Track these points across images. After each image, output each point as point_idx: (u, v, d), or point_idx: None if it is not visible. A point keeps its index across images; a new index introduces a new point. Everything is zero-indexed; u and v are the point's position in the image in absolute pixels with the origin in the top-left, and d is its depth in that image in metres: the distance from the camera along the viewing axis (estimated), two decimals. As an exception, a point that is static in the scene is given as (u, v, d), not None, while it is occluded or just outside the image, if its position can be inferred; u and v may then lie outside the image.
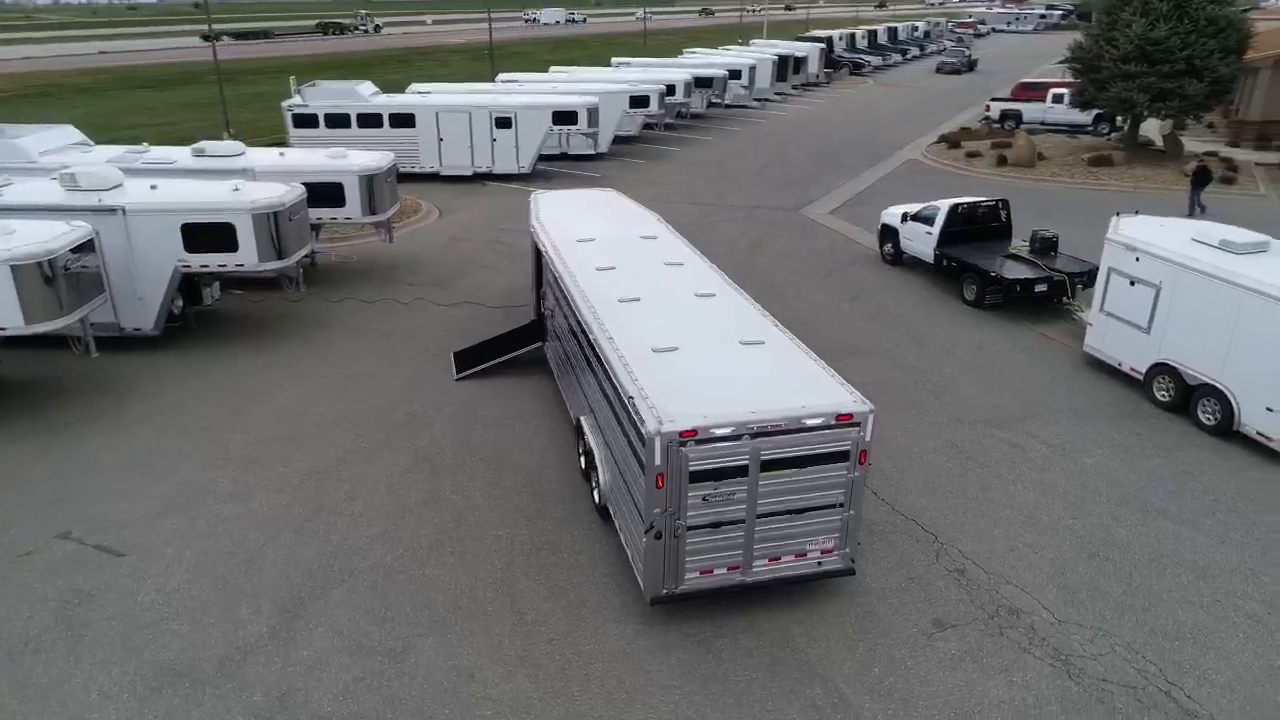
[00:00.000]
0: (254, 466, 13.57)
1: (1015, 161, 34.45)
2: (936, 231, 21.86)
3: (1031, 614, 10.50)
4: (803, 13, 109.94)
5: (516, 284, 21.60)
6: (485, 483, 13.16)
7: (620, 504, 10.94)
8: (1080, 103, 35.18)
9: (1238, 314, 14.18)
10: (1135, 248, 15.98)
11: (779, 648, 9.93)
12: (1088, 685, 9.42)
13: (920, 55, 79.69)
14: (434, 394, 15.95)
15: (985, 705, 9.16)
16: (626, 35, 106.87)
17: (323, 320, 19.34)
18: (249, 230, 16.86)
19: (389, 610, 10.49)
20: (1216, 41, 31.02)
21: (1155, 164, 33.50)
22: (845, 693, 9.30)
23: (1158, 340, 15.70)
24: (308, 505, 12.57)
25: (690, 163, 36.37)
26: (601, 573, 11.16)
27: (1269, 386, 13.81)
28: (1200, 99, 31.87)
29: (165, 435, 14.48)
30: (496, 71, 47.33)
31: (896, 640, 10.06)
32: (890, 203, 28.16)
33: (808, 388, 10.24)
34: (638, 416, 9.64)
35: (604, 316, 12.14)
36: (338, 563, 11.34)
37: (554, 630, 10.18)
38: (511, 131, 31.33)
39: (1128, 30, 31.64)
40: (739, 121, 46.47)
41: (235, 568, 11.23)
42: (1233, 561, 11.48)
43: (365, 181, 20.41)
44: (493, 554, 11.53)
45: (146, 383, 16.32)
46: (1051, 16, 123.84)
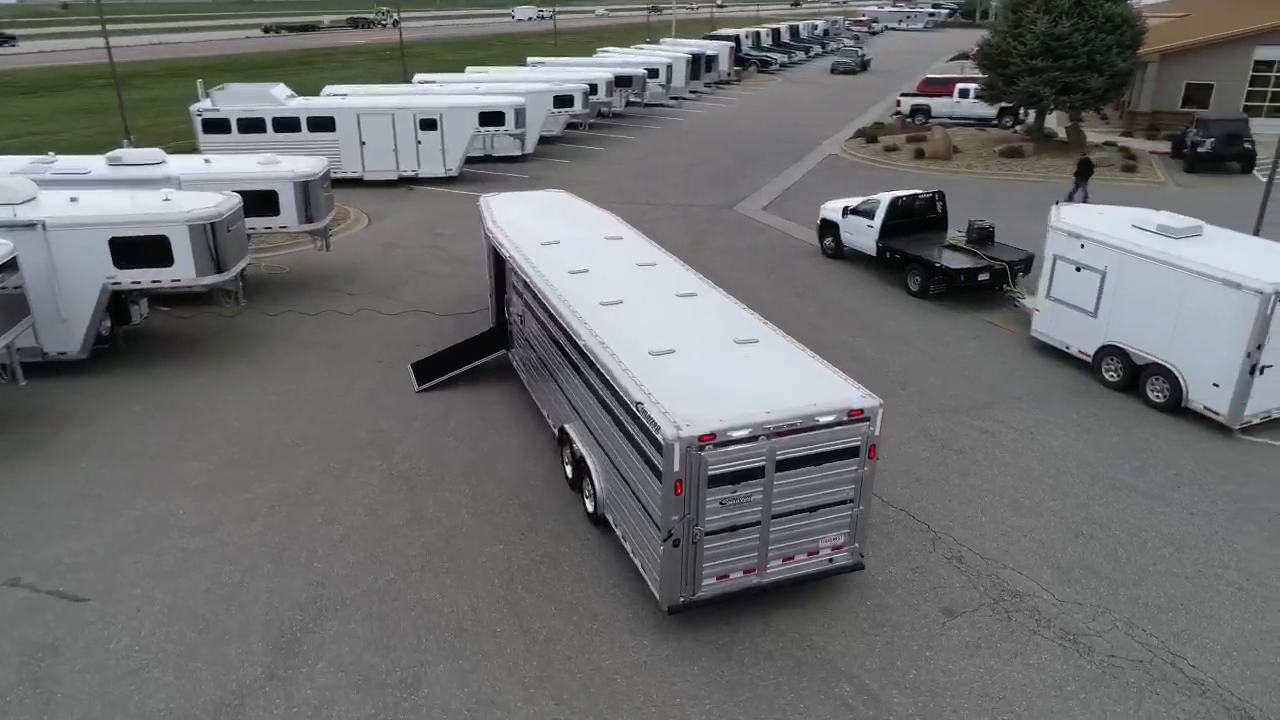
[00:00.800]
0: (215, 494, 12.72)
1: (932, 155, 35.54)
2: (877, 224, 22.30)
3: (1033, 596, 10.73)
4: (706, 12, 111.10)
5: (462, 290, 21.01)
6: (468, 498, 12.68)
7: (625, 512, 10.67)
8: (990, 97, 36.56)
9: (1183, 296, 14.87)
10: (1080, 235, 16.60)
11: (799, 648, 9.86)
12: (1099, 662, 9.68)
13: (822, 53, 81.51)
14: (397, 408, 15.31)
15: (1008, 690, 9.29)
16: (532, 35, 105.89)
17: (262, 335, 18.34)
18: (185, 242, 15.84)
19: (391, 639, 9.96)
20: (1114, 37, 32.70)
21: (1062, 154, 35.06)
22: (873, 689, 9.30)
23: (1105, 323, 16.35)
24: (282, 533, 11.85)
25: (616, 162, 36.17)
26: (606, 584, 10.88)
27: (1215, 364, 14.53)
28: (1101, 92, 33.55)
29: (108, 465, 13.43)
30: (408, 71, 46.20)
31: (912, 632, 10.12)
32: (818, 198, 28.60)
33: (814, 385, 10.19)
34: (651, 423, 9.40)
35: (590, 321, 11.84)
36: (326, 592, 10.71)
37: (569, 647, 9.85)
38: (437, 133, 30.49)
39: (1033, 27, 33.03)
40: (658, 120, 46.51)
41: (215, 605, 10.47)
42: (1204, 532, 12.01)
43: (301, 188, 19.48)
44: (490, 572, 11.10)
45: (80, 409, 15.13)
46: (940, 15, 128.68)
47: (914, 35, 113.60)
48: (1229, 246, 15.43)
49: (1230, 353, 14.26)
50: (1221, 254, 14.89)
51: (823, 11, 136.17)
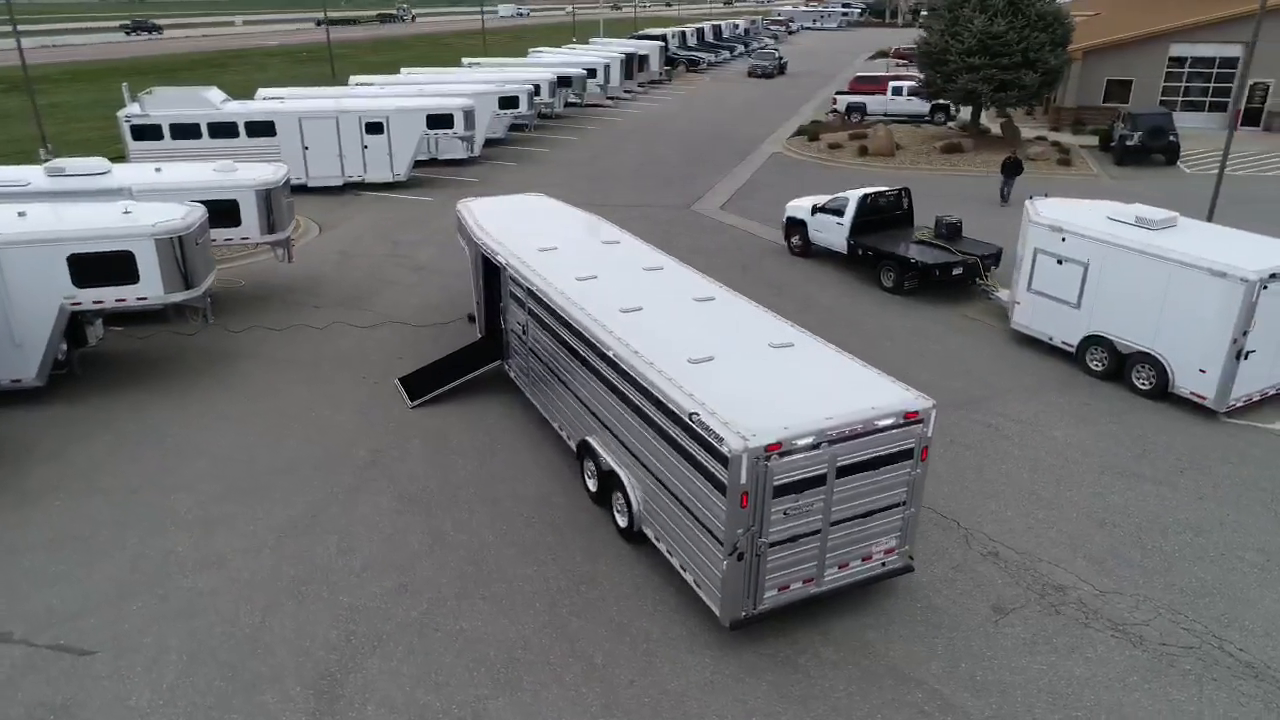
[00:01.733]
0: (214, 528, 11.86)
1: (876, 151, 36.11)
2: (848, 222, 22.45)
3: (1074, 588, 10.83)
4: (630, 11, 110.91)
5: (431, 299, 20.29)
6: (488, 518, 12.14)
7: (672, 527, 10.33)
8: (929, 94, 37.37)
9: (1168, 286, 15.31)
10: (1061, 229, 16.97)
11: (861, 655, 9.71)
12: (1153, 651, 9.81)
13: (745, 52, 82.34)
14: (392, 426, 14.61)
15: (1075, 685, 9.32)
16: (452, 35, 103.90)
17: (230, 354, 17.30)
18: (152, 258, 14.79)
19: (440, 674, 9.40)
20: (1046, 35, 33.79)
21: (999, 149, 36.02)
22: (943, 693, 9.21)
23: (1088, 314, 16.75)
24: (298, 566, 11.11)
25: (565, 164, 35.64)
26: (652, 601, 10.53)
27: (1200, 350, 15.01)
28: (1035, 88, 34.64)
29: (88, 501, 12.40)
30: (335, 73, 44.73)
31: (969, 632, 10.08)
32: (773, 197, 28.71)
33: (865, 388, 10.06)
34: (711, 435, 9.10)
35: (615, 329, 11.47)
36: (359, 628, 10.07)
37: (629, 670, 9.47)
38: (384, 137, 29.48)
39: (970, 26, 33.87)
40: (597, 120, 46.09)
41: (239, 649, 9.72)
42: (1217, 516, 12.35)
43: (263, 197, 18.49)
44: (529, 595, 10.62)
45: (44, 442, 13.96)
46: (852, 14, 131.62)
47: (829, 35, 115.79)
48: (1205, 237, 15.98)
49: (1216, 339, 14.74)
50: (1202, 244, 15.39)
51: (742, 11, 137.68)
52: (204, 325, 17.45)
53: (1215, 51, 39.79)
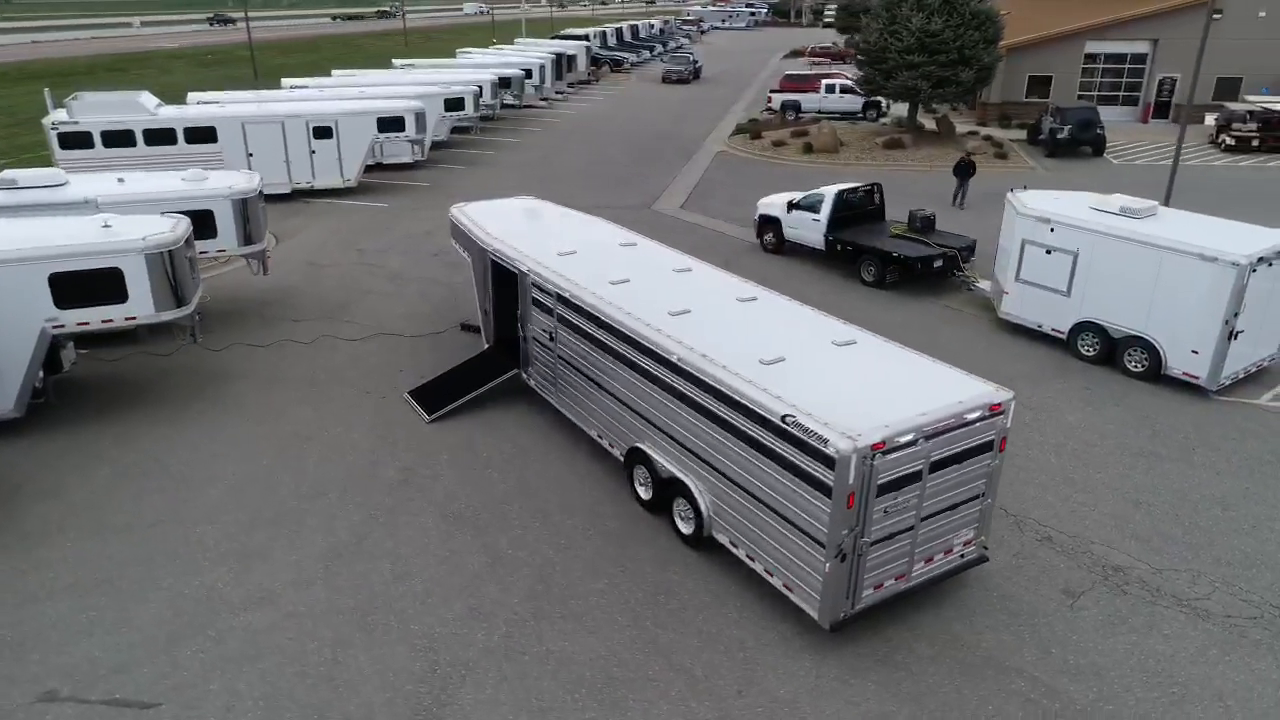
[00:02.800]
0: (252, 561, 11.12)
1: (820, 148, 36.72)
2: (825, 218, 22.70)
3: (1132, 568, 11.17)
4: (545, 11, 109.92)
5: (415, 309, 19.61)
6: (543, 533, 11.75)
7: (756, 532, 10.15)
8: (869, 91, 38.22)
9: (1159, 271, 15.98)
10: (1050, 219, 17.52)
11: (954, 649, 9.77)
12: (1221, 624, 10.18)
13: (664, 51, 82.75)
14: (414, 442, 14.00)
15: (1161, 662, 9.59)
16: (363, 36, 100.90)
17: (218, 374, 16.30)
18: (143, 274, 13.78)
19: (540, 699, 9.02)
20: (980, 33, 34.99)
21: (938, 144, 37.18)
22: (1043, 680, 9.34)
23: (1079, 301, 17.35)
24: (355, 595, 10.51)
25: (513, 165, 35.00)
26: (734, 607, 10.36)
27: (1193, 332, 15.71)
28: (971, 84, 35.87)
29: (103, 541, 11.45)
30: (258, 75, 42.90)
31: (1049, 617, 10.26)
32: (729, 195, 28.88)
33: (942, 383, 10.14)
34: (812, 436, 8.99)
35: (671, 333, 11.25)
36: (441, 657, 9.58)
37: (734, 680, 9.29)
38: (333, 142, 28.34)
39: (908, 24, 34.79)
40: (534, 122, 45.47)
41: (318, 690, 9.11)
42: (1238, 489, 12.95)
43: (239, 206, 17.48)
44: (609, 611, 10.30)
45: (36, 478, 12.84)
46: (760, 14, 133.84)
47: (739, 35, 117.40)
48: (1187, 224, 16.72)
49: (1208, 321, 15.45)
50: (1187, 231, 16.13)
51: (655, 11, 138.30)
52: (190, 344, 16.37)
53: (1126, 48, 41.97)
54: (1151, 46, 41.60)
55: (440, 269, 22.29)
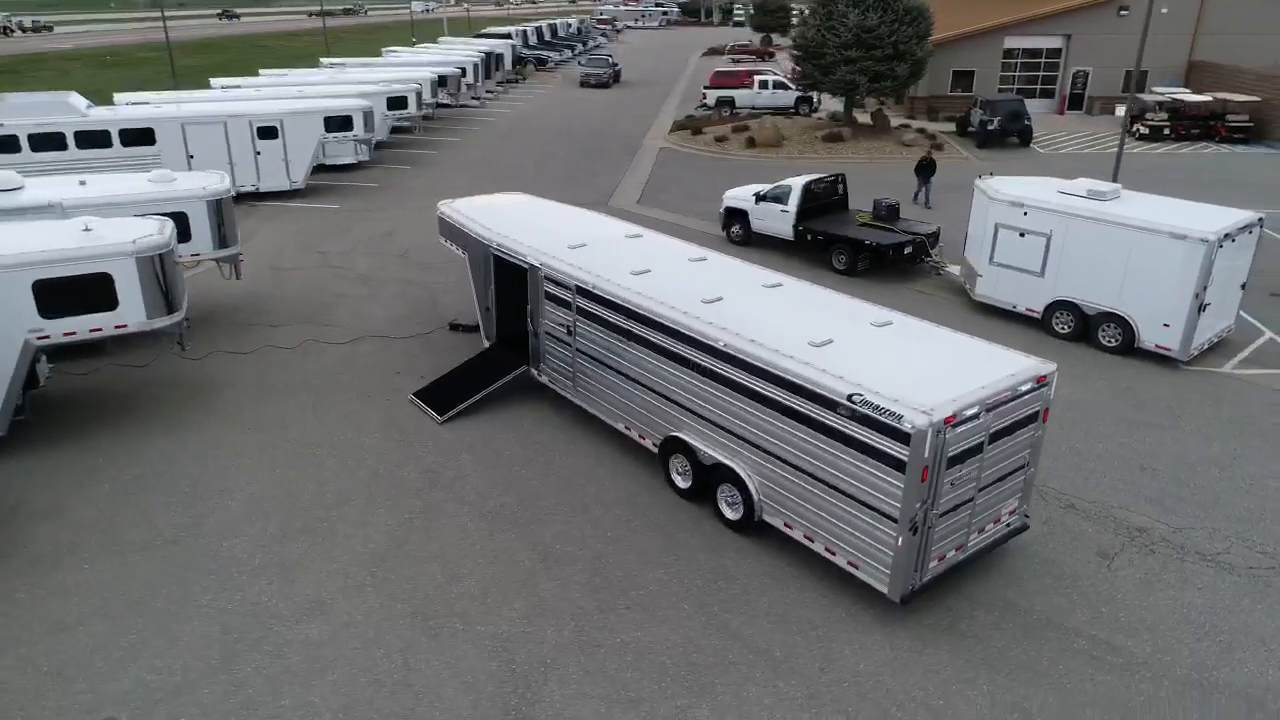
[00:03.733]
0: (293, 572, 10.67)
1: (763, 143, 37.29)
2: (793, 209, 23.09)
3: (1153, 529, 11.75)
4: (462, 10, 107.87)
5: (398, 309, 19.12)
6: (587, 527, 11.63)
7: (816, 512, 10.27)
8: (807, 86, 39.01)
9: (1131, 250, 16.82)
10: (1023, 204, 18.23)
11: (1012, 614, 10.10)
12: (1246, 575, 10.82)
13: (585, 50, 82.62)
14: (431, 444, 13.66)
15: (1203, 614, 10.13)
16: (272, 37, 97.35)
17: (202, 382, 15.55)
18: (134, 280, 13.06)
19: (627, 690, 8.94)
20: (913, 29, 36.12)
21: (876, 137, 38.24)
22: (1101, 637, 9.75)
23: (1053, 282, 18.12)
24: (410, 600, 10.20)
25: (459, 164, 34.39)
26: (796, 588, 10.48)
27: (1164, 307, 16.59)
28: (905, 79, 36.98)
29: (124, 560, 10.81)
30: (176, 74, 41.09)
31: (1092, 579, 10.71)
32: (682, 189, 29.11)
33: (987, 357, 10.48)
34: (883, 413, 9.17)
35: (713, 320, 11.29)
36: (516, 655, 9.39)
37: (814, 658, 9.39)
38: (278, 142, 27.32)
39: (845, 20, 35.65)
40: (470, 121, 44.76)
41: (397, 699, 8.82)
42: (1229, 451, 13.75)
43: (214, 208, 16.72)
44: (673, 599, 10.28)
45: (32, 499, 12.01)
46: (672, 13, 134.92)
47: (652, 33, 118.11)
48: (1150, 205, 17.65)
49: (1179, 296, 16.34)
50: (1154, 211, 17.03)
51: (569, 10, 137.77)
52: (179, 352, 15.54)
53: (1042, 44, 43.96)
54: (1065, 42, 43.69)
55: (411, 270, 21.78)
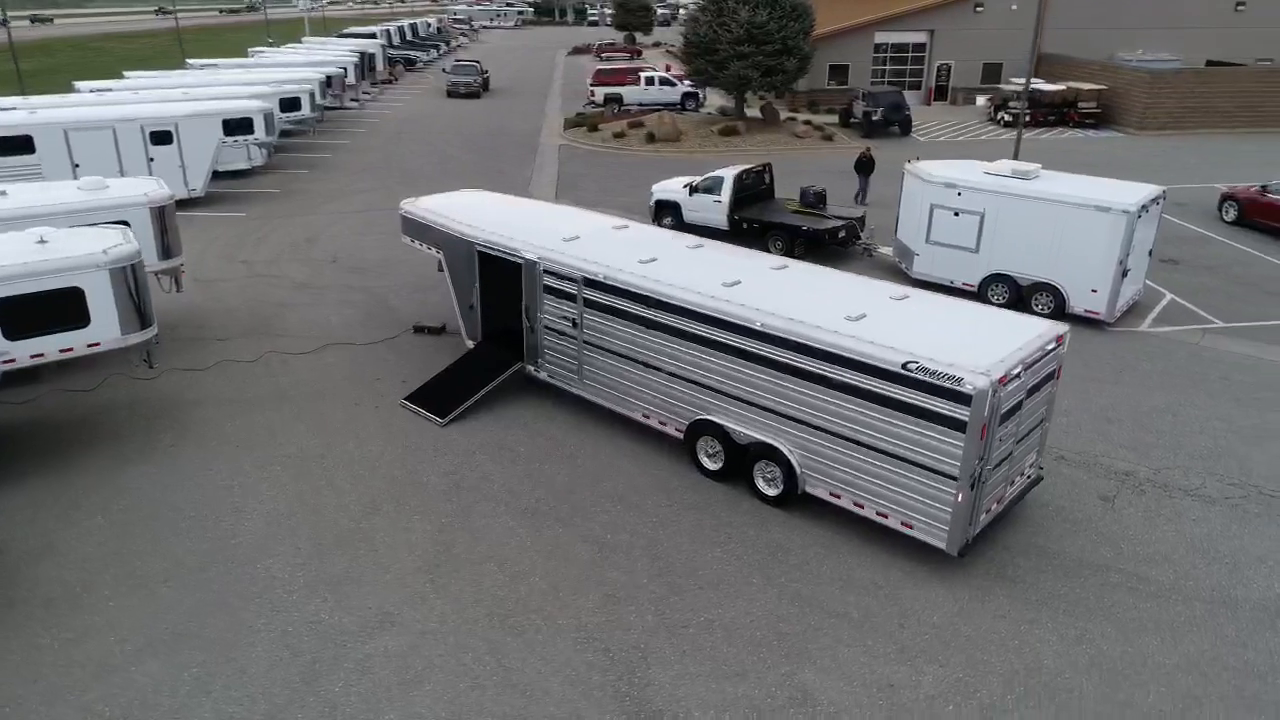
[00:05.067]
0: (347, 586, 10.19)
1: (663, 138, 37.84)
2: (727, 199, 23.67)
3: (1136, 471, 12.91)
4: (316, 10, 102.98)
5: (351, 316, 18.39)
6: (630, 515, 11.66)
7: (866, 479, 10.72)
8: (700, 82, 39.86)
9: (1060, 224, 18.28)
10: (956, 185, 19.47)
11: (1048, 559, 10.90)
12: (1225, 505, 12.08)
13: (448, 50, 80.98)
14: (441, 447, 13.28)
15: (1205, 542, 11.24)
16: (104, 39, 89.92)
17: (165, 402, 14.46)
18: (107, 293, 12.07)
19: (730, 664, 9.10)
20: (799, 25, 37.58)
21: (768, 130, 39.52)
22: (1130, 570, 10.67)
23: (987, 256, 19.43)
24: (481, 603, 9.96)
25: (358, 167, 33.12)
26: (847, 552, 10.90)
27: (1091, 274, 18.14)
28: (794, 73, 38.43)
29: (152, 595, 10.01)
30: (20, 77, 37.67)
31: (1102, 520, 11.68)
32: (595, 185, 29.31)
33: (1005, 321, 11.26)
34: (942, 377, 9.71)
35: (744, 302, 11.57)
36: (610, 645, 9.36)
37: (894, 614, 9.84)
38: (174, 148, 25.51)
39: (736, 17, 36.68)
40: (353, 123, 43.02)
41: (505, 699, 8.63)
42: (1174, 400, 15.21)
43: (157, 215, 15.56)
44: (740, 575, 10.49)
45: (18, 538, 10.88)
46: (527, 13, 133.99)
47: (509, 33, 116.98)
48: (1069, 182, 19.23)
49: (1104, 263, 17.91)
50: (1075, 187, 18.58)
51: (417, 10, 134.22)
52: (150, 369, 14.35)
53: (909, 38, 46.63)
54: (929, 37, 46.52)
55: (348, 275, 20.94)
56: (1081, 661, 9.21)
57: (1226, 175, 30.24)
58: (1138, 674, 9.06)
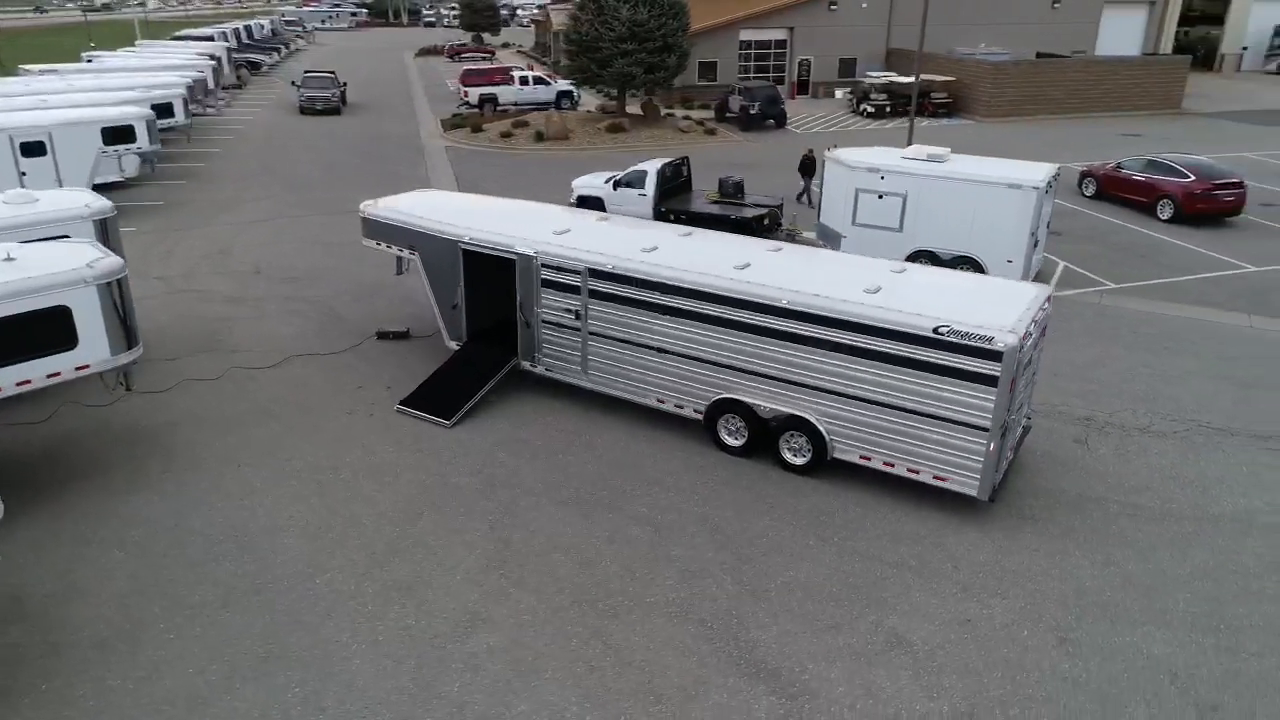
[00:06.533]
0: (420, 590, 9.97)
1: (552, 136, 37.91)
2: (651, 192, 24.19)
3: (1094, 416, 14.38)
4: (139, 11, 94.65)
5: (303, 326, 17.66)
6: (671, 496, 11.97)
7: (896, 439, 11.50)
8: (583, 80, 40.14)
9: (976, 201, 19.93)
10: (879, 169, 20.83)
11: (1054, 497, 12.06)
12: (1175, 438, 13.70)
13: (289, 53, 77.26)
14: (456, 449, 13.09)
15: (1173, 469, 12.75)
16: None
17: (135, 428, 13.46)
18: (95, 311, 11.17)
19: (817, 620, 9.64)
20: (677, 22, 38.58)
21: (652, 126, 40.32)
22: (1127, 500, 11.98)
23: (911, 236, 20.89)
24: (565, 591, 10.04)
25: (241, 176, 31.31)
26: (888, 509, 11.66)
27: (1006, 246, 19.88)
28: (675, 69, 39.42)
29: (214, 621, 9.46)
30: None
31: (1084, 460, 13.00)
32: (498, 186, 29.32)
33: (1002, 286, 12.37)
34: (973, 338, 10.62)
35: (765, 283, 12.12)
36: (703, 614, 9.67)
37: (942, 561, 10.66)
38: (48, 159, 23.39)
39: (617, 15, 37.24)
40: (215, 130, 40.36)
41: (626, 675, 8.80)
42: (1099, 354, 17.00)
43: (101, 229, 14.39)
44: (796, 539, 11.05)
45: (33, 581, 9.95)
46: (361, 14, 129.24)
47: (345, 35, 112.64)
48: (978, 163, 20.97)
49: (1018, 235, 19.69)
50: (985, 168, 20.31)
51: (243, 11, 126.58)
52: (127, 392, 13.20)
53: (771, 35, 48.71)
54: (789, 34, 48.76)
55: (281, 285, 19.99)
56: (1115, 581, 10.35)
57: (1064, 156, 33.47)
58: (1164, 586, 10.28)
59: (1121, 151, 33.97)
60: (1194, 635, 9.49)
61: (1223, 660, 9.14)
